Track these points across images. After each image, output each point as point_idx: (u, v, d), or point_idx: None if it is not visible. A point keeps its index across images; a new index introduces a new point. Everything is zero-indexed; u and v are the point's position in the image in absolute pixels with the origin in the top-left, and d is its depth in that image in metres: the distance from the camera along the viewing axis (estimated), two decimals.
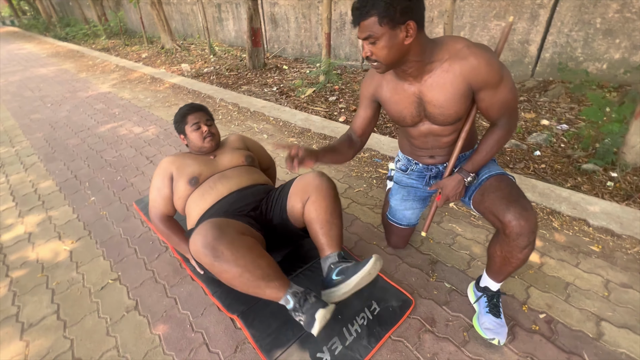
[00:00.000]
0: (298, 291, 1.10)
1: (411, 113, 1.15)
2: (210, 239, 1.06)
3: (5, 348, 1.27)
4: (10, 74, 6.10)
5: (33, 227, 1.95)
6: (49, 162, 2.73)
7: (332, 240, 1.27)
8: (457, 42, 1.02)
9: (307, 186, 1.33)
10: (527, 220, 1.00)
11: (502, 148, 2.35)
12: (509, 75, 1.05)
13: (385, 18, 0.90)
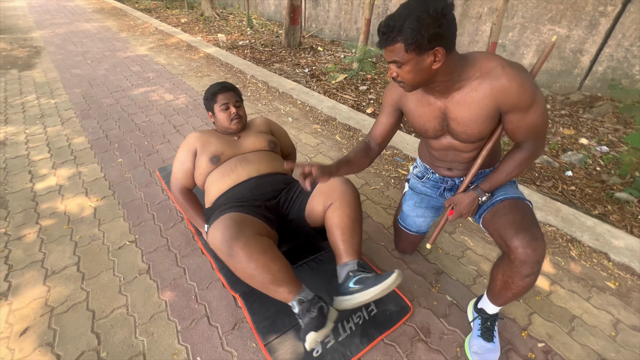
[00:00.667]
0: (305, 299, 1.11)
1: (434, 127, 1.12)
2: (227, 237, 1.10)
3: (30, 290, 1.39)
4: (57, 25, 6.33)
5: (64, 180, 2.07)
6: (84, 118, 2.86)
7: (352, 248, 1.26)
8: (490, 61, 0.97)
9: (332, 192, 1.33)
10: (534, 250, 0.98)
11: (531, 164, 2.25)
12: (542, 98, 0.99)
13: (412, 45, 0.86)
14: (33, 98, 3.23)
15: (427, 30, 0.83)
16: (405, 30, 0.84)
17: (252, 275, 1.10)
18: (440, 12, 0.83)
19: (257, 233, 1.18)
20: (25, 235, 1.66)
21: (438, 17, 0.83)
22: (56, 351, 1.18)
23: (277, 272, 1.11)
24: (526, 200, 1.15)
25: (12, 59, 4.37)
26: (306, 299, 1.12)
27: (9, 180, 2.05)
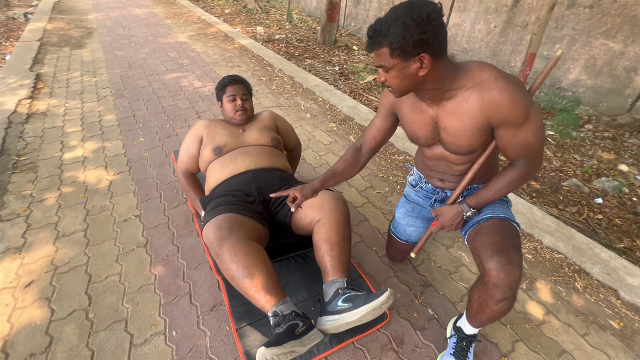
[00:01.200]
0: (280, 313, 1.07)
1: (425, 135, 1.09)
2: (218, 237, 1.14)
3: (41, 248, 1.54)
4: (110, 9, 6.79)
5: (89, 153, 2.25)
6: (117, 97, 3.07)
7: (341, 264, 1.23)
8: (483, 71, 0.92)
9: (321, 207, 1.33)
10: (507, 274, 0.93)
11: (526, 184, 2.12)
12: (538, 116, 0.93)
13: (396, 50, 0.85)
14: (78, 75, 3.50)
15: (412, 36, 0.82)
16: (390, 35, 0.83)
17: (232, 277, 1.12)
18: (425, 18, 0.81)
19: (247, 236, 1.19)
20: (47, 199, 1.82)
21: (423, 23, 0.81)
22: (52, 306, 1.30)
23: (257, 279, 1.10)
24: (513, 221, 1.10)
25: (67, 37, 4.76)
26: (281, 313, 1.07)
27: (43, 147, 2.26)
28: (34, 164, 2.09)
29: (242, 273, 1.10)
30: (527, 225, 1.89)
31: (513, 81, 0.90)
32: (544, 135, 0.97)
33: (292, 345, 0.99)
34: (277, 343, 0.97)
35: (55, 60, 3.87)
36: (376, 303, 1.07)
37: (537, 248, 1.77)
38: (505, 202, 1.20)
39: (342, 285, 1.19)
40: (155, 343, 1.21)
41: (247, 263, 1.11)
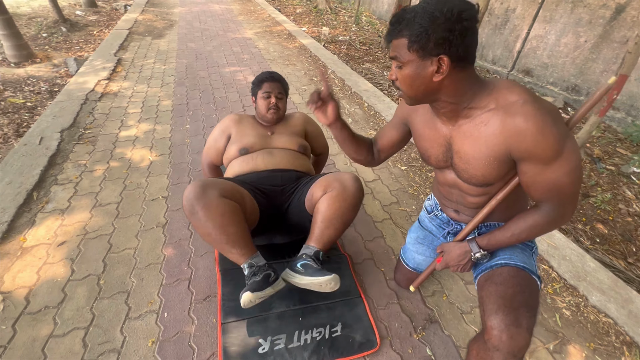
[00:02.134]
0: (255, 264, 1.22)
1: (437, 156, 0.97)
2: (191, 196, 1.18)
3: (79, 213, 1.73)
4: (194, 4, 7.44)
5: (140, 133, 2.47)
6: (178, 85, 3.34)
7: (323, 237, 1.29)
8: (511, 92, 0.78)
9: (335, 182, 1.33)
10: (510, 338, 0.78)
11: (591, 225, 1.80)
12: (574, 154, 0.76)
13: (415, 44, 0.74)
14: (151, 62, 3.89)
15: (436, 31, 0.71)
16: (413, 25, 0.73)
17: (209, 234, 1.18)
18: (456, 14, 0.70)
19: (221, 196, 1.22)
20: (96, 170, 2.04)
21: (452, 20, 0.70)
22: (73, 267, 1.45)
23: (232, 234, 1.19)
24: (534, 274, 0.93)
25: (152, 28, 5.33)
26: (256, 264, 1.21)
27: (105, 124, 2.54)
28: (95, 138, 2.36)
29: (218, 230, 1.18)
30: (573, 275, 1.61)
31: (546, 108, 0.75)
32: (578, 178, 0.79)
33: (268, 291, 1.16)
34: (259, 289, 1.14)
35: (137, 47, 4.35)
36: (316, 280, 1.18)
37: (580, 305, 1.50)
38: (528, 248, 1.02)
39: (309, 252, 1.27)
40: (147, 320, 1.28)
41: (222, 222, 1.18)
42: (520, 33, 4.57)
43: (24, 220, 1.65)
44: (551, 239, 1.80)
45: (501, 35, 4.84)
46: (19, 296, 1.32)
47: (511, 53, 4.74)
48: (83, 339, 1.21)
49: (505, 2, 4.75)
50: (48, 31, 4.98)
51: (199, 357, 1.18)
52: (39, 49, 4.30)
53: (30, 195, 1.78)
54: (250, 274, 1.20)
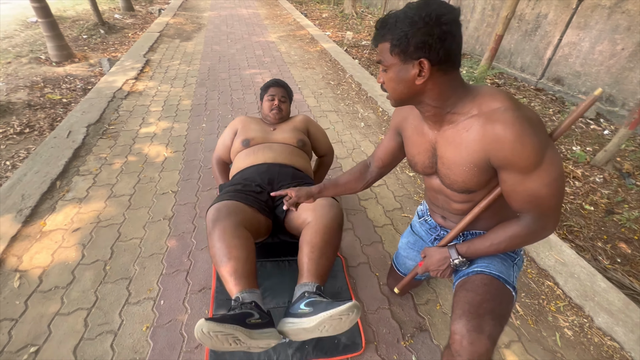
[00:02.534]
0: (239, 300, 1.06)
1: (423, 161, 0.97)
2: (214, 218, 1.22)
3: (95, 203, 1.85)
4: (222, 9, 7.72)
5: (159, 130, 2.61)
6: (199, 86, 3.48)
7: (317, 269, 1.18)
8: (494, 99, 0.77)
9: (315, 210, 1.33)
10: (470, 344, 0.77)
11: (612, 244, 1.70)
12: (555, 165, 0.74)
13: (396, 47, 0.75)
14: (177, 63, 4.08)
15: (415, 35, 0.72)
16: (395, 30, 0.75)
17: (214, 254, 1.17)
18: (434, 18, 0.71)
19: (240, 224, 1.24)
20: (114, 164, 2.18)
21: (430, 24, 0.71)
22: (84, 251, 1.56)
23: (233, 261, 1.12)
24: (509, 284, 0.91)
25: (181, 31, 5.58)
26: (242, 300, 1.05)
27: (128, 121, 2.70)
28: (117, 133, 2.51)
29: (222, 253, 1.14)
30: (580, 294, 1.53)
31: (526, 116, 0.74)
32: (559, 190, 0.77)
33: (234, 329, 0.91)
34: (219, 320, 0.92)
35: (165, 49, 4.57)
36: (335, 311, 0.96)
37: (584, 326, 1.42)
38: (510, 259, 0.99)
39: (311, 289, 1.12)
40: (145, 306, 1.35)
41: (230, 245, 1.14)
42: (551, 40, 4.39)
43: (46, 206, 1.79)
44: (560, 255, 1.73)
45: (531, 41, 4.67)
46: (34, 275, 1.43)
47: (541, 60, 4.56)
48: (85, 318, 1.29)
49: (536, 8, 4.58)
50: (88, 33, 5.34)
51: (188, 345, 1.24)
52: (78, 50, 4.62)
53: (54, 184, 1.93)
54: (230, 308, 1.06)
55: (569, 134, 3.39)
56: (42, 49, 4.47)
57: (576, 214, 2.39)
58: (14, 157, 2.35)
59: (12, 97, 3.15)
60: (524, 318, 1.44)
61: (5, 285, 1.38)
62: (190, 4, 7.92)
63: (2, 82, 3.46)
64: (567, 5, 4.14)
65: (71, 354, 1.18)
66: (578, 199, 2.55)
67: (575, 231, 2.26)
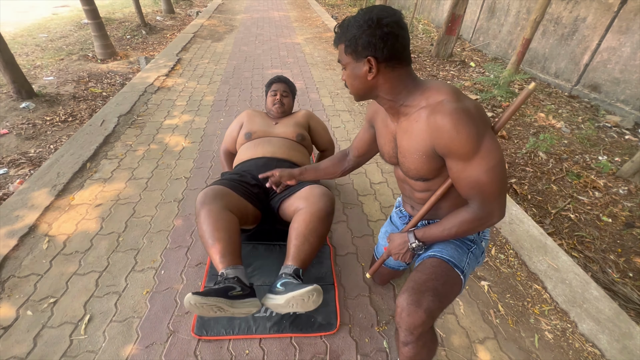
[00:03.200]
0: (225, 275, 1.19)
1: (388, 151, 1.05)
2: (201, 201, 1.35)
3: (116, 184, 2.07)
4: (255, 11, 8.03)
5: (181, 123, 2.83)
6: (223, 83, 3.70)
7: (299, 254, 1.29)
8: (440, 92, 0.84)
9: (306, 199, 1.43)
10: (408, 315, 0.85)
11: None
12: (493, 153, 0.80)
13: (349, 48, 0.86)
14: (206, 62, 4.36)
15: (361, 36, 0.82)
16: (347, 32, 0.85)
17: (202, 235, 1.29)
18: (376, 21, 0.80)
19: (225, 207, 1.36)
20: (138, 150, 2.41)
21: (372, 27, 0.80)
22: (103, 224, 1.77)
23: (218, 241, 1.24)
24: (458, 268, 0.95)
25: (214, 32, 5.91)
26: (226, 275, 1.18)
27: (155, 113, 2.96)
28: (143, 124, 2.77)
29: (208, 234, 1.26)
30: (567, 299, 1.51)
31: (465, 107, 0.80)
32: (498, 177, 0.82)
33: (217, 301, 1.06)
34: (204, 294, 1.06)
35: (197, 49, 4.89)
36: (298, 293, 1.11)
37: (567, 331, 1.41)
38: (465, 246, 1.03)
39: (289, 271, 1.24)
40: (147, 274, 1.52)
41: (215, 227, 1.26)
42: (589, 44, 4.19)
43: (76, 183, 2.04)
44: (555, 260, 1.70)
45: (567, 46, 4.48)
46: (59, 240, 1.65)
47: (577, 66, 4.36)
48: (97, 280, 1.48)
49: (574, 11, 4.39)
50: (131, 33, 5.82)
51: (180, 310, 1.38)
52: (121, 49, 5.06)
53: (85, 165, 2.19)
54: (215, 282, 1.19)
55: (597, 143, 3.23)
56: (91, 47, 4.95)
57: (591, 224, 2.30)
58: (57, 142, 2.67)
59: (60, 90, 3.54)
60: (504, 317, 1.45)
61: (36, 247, 1.61)
62: (225, 7, 8.33)
63: (54, 77, 3.90)
64: (607, 8, 3.94)
65: (82, 307, 1.37)
66: (595, 209, 2.45)
67: (586, 242, 2.18)
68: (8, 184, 2.17)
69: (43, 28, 6.04)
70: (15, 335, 1.26)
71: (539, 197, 2.48)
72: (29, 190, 1.93)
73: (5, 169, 2.31)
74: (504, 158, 0.81)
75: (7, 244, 1.59)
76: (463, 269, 0.97)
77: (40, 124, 2.87)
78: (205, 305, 1.05)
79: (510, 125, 3.38)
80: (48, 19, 6.74)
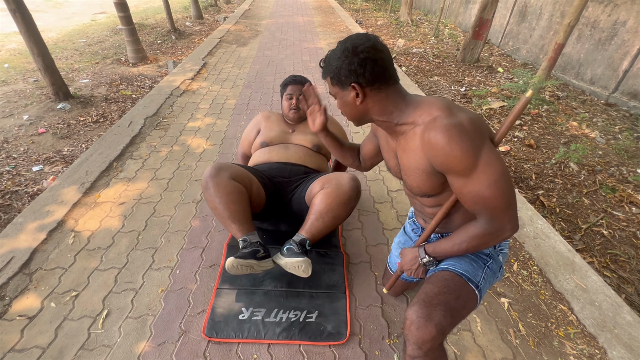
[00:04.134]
0: (248, 240, 1.37)
1: (393, 167, 1.04)
2: (207, 174, 1.42)
3: (139, 183, 2.15)
4: (280, 16, 8.17)
5: (203, 125, 2.90)
6: (245, 87, 3.78)
7: (312, 228, 1.42)
8: (433, 108, 0.82)
9: (331, 180, 1.48)
10: (417, 329, 0.82)
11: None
12: (492, 167, 0.77)
13: (334, 79, 0.88)
14: (230, 66, 4.46)
15: (342, 67, 0.84)
16: (330, 66, 0.88)
17: (215, 207, 1.39)
18: (351, 50, 0.82)
19: (231, 178, 1.43)
20: (161, 151, 2.49)
21: (349, 55, 0.82)
22: (124, 222, 1.84)
23: (234, 211, 1.37)
24: (472, 282, 0.91)
25: (239, 37, 6.06)
26: (249, 240, 1.36)
27: (179, 115, 3.06)
28: (168, 126, 2.86)
29: (222, 208, 1.38)
30: (596, 323, 1.41)
31: (458, 122, 0.77)
32: (502, 189, 0.78)
33: (251, 262, 1.31)
34: (243, 257, 1.29)
35: (222, 53, 5.02)
36: (291, 260, 1.32)
37: (594, 357, 1.31)
38: (481, 261, 0.98)
39: (297, 239, 1.40)
40: (163, 273, 1.56)
41: (228, 199, 1.38)
42: (629, 49, 3.95)
43: (102, 182, 2.13)
44: (583, 280, 1.59)
45: (605, 51, 4.24)
46: (84, 236, 1.73)
47: (615, 72, 4.12)
48: (116, 276, 1.54)
49: (613, 14, 4.16)
50: (162, 39, 6.07)
51: (192, 310, 1.41)
52: (151, 53, 5.29)
53: (111, 164, 2.29)
54: (242, 247, 1.36)
55: (635, 155, 3.02)
56: (124, 52, 5.20)
57: (626, 242, 2.15)
58: (88, 141, 2.81)
59: (94, 92, 3.74)
60: (525, 338, 1.37)
61: (63, 241, 1.70)
62: (252, 13, 8.53)
63: (89, 79, 4.12)
64: None
65: (101, 302, 1.42)
66: (632, 226, 2.28)
67: (620, 261, 2.04)
68: (42, 180, 2.31)
69: (82, 33, 6.42)
70: (39, 325, 1.32)
71: (568, 211, 2.34)
72: (60, 187, 2.04)
73: (41, 165, 2.45)
74: (507, 169, 0.77)
75: (37, 238, 1.68)
76: (478, 284, 0.92)
77: (74, 124, 3.04)
78: (241, 266, 1.29)
79: (538, 134, 3.23)
80: (87, 25, 7.16)
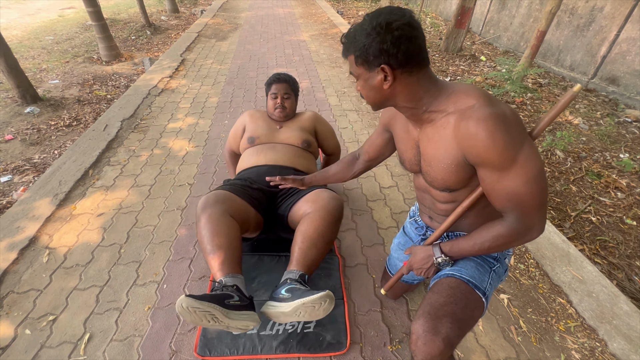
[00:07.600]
0: (223, 284, 1.11)
1: (410, 159, 0.97)
2: (202, 205, 1.29)
3: (119, 191, 2.02)
4: (259, 9, 7.94)
5: (184, 126, 2.77)
6: (227, 84, 3.63)
7: (305, 259, 1.22)
8: (469, 96, 0.76)
9: (315, 202, 1.37)
10: (424, 344, 0.77)
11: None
12: (532, 163, 0.72)
13: (359, 58, 0.78)
14: (210, 62, 4.29)
15: (371, 45, 0.74)
16: (355, 42, 0.78)
17: (201, 241, 1.24)
18: (385, 26, 0.72)
19: (226, 211, 1.30)
20: (141, 156, 2.36)
21: (382, 32, 0.72)
22: (104, 235, 1.72)
23: (218, 248, 1.17)
24: (479, 290, 0.87)
25: (218, 31, 5.84)
26: (224, 283, 1.11)
27: (158, 116, 2.90)
28: (147, 128, 2.71)
29: (207, 240, 1.19)
30: (595, 315, 1.40)
31: (500, 113, 0.72)
32: (539, 188, 0.74)
33: (211, 307, 0.97)
34: (198, 298, 0.97)
35: (201, 49, 4.82)
36: (308, 299, 1.02)
37: (595, 350, 1.31)
38: (487, 265, 0.95)
39: (294, 277, 1.16)
40: (149, 288, 1.47)
41: (214, 233, 1.19)
42: (607, 35, 4.00)
43: (78, 192, 1.99)
44: (580, 271, 1.59)
45: (583, 37, 4.29)
46: (60, 253, 1.61)
47: (594, 58, 4.18)
48: (97, 295, 1.43)
49: (591, 0, 4.20)
50: (136, 34, 5.79)
51: (182, 328, 1.32)
52: (125, 50, 5.03)
53: (87, 172, 2.14)
54: (212, 289, 1.13)
55: (617, 140, 3.08)
56: (96, 49, 4.93)
57: (614, 228, 2.18)
58: (61, 147, 2.63)
59: (65, 93, 3.52)
60: (527, 335, 1.35)
61: (36, 260, 1.57)
62: (230, 5, 8.25)
63: (59, 80, 3.88)
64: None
65: (82, 325, 1.32)
66: (618, 211, 2.32)
67: (610, 247, 2.06)
68: (12, 191, 2.14)
69: (49, 30, 6.05)
70: (13, 355, 1.21)
71: (557, 199, 2.35)
72: (31, 199, 1.89)
73: (9, 175, 2.28)
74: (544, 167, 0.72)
75: (7, 258, 1.55)
76: (485, 291, 0.88)
77: (45, 129, 2.84)
78: (198, 311, 0.95)
79: (524, 122, 3.25)
80: (54, 21, 6.76)
